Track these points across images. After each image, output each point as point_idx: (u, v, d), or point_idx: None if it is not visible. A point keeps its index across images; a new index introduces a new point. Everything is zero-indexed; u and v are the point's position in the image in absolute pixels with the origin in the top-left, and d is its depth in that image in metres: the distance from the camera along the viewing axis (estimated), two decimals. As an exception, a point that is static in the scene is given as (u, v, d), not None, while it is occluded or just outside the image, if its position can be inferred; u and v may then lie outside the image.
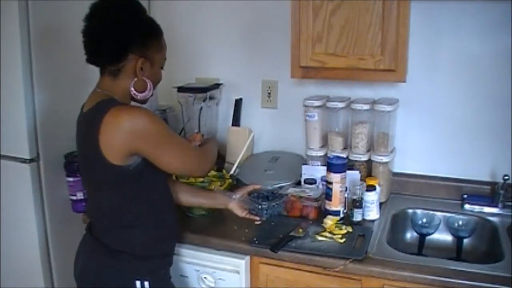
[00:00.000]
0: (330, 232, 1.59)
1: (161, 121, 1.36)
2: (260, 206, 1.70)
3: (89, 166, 1.39)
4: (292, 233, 1.58)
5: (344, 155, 1.83)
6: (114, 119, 1.27)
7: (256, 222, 1.68)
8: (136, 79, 1.36)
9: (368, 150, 1.88)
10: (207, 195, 1.72)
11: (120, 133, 1.27)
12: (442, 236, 1.78)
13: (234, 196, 1.70)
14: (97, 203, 1.44)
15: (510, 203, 1.76)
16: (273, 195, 1.76)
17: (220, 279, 1.60)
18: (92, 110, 1.33)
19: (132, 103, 1.43)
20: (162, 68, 1.45)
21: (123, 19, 1.32)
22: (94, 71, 1.41)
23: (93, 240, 1.42)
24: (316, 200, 1.73)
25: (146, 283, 1.38)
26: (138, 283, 1.37)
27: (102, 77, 1.38)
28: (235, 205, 1.70)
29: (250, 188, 1.77)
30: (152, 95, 1.44)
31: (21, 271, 1.94)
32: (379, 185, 1.78)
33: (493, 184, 1.82)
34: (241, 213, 1.70)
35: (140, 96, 1.38)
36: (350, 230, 1.61)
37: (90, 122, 1.32)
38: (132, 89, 1.36)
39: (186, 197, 1.65)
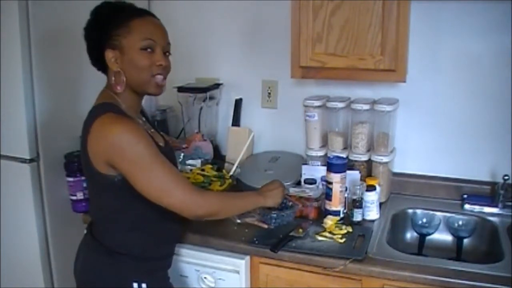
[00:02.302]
0: (330, 232, 1.59)
1: (147, 143, 1.27)
2: (269, 216, 1.64)
3: (85, 170, 1.39)
4: (292, 233, 1.58)
5: (344, 155, 1.83)
6: (100, 127, 1.26)
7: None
8: (114, 73, 1.35)
9: (368, 150, 1.88)
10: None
11: (101, 143, 1.26)
12: (442, 236, 1.78)
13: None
14: (97, 204, 1.44)
15: (510, 203, 1.76)
16: (285, 205, 1.68)
17: (220, 279, 1.60)
18: (90, 113, 1.34)
19: (146, 97, 1.45)
20: (145, 49, 1.33)
21: (90, 20, 1.34)
22: (93, 72, 1.41)
23: (93, 240, 1.42)
24: (316, 200, 1.73)
25: (144, 285, 1.37)
26: (135, 284, 1.37)
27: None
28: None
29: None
30: (163, 85, 1.40)
31: (21, 271, 1.94)
32: (379, 185, 1.78)
33: (493, 184, 1.82)
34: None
35: (117, 88, 1.35)
36: (350, 230, 1.61)
37: (85, 124, 1.33)
38: (114, 84, 1.35)
39: None
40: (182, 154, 1.99)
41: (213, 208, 1.37)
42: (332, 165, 1.68)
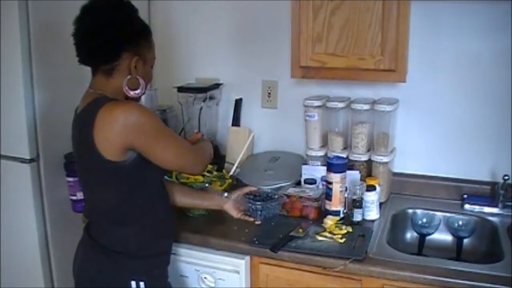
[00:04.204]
0: (330, 232, 1.59)
1: (155, 116, 1.36)
2: (254, 207, 1.67)
3: (85, 165, 1.39)
4: (292, 233, 1.58)
5: (344, 155, 1.83)
6: (108, 113, 1.27)
7: (257, 222, 1.68)
8: (129, 77, 1.36)
9: (368, 150, 1.88)
10: (203, 195, 1.72)
11: (115, 128, 1.27)
12: (442, 236, 1.78)
13: (228, 196, 1.69)
14: (93, 203, 1.44)
15: (510, 203, 1.76)
16: (269, 197, 1.73)
17: (220, 279, 1.60)
18: (86, 109, 1.33)
19: (147, 97, 1.46)
20: (152, 67, 1.45)
21: (115, 19, 1.33)
22: (94, 71, 1.41)
23: (90, 241, 1.42)
24: (316, 200, 1.73)
25: (142, 283, 1.38)
26: (133, 283, 1.37)
27: (95, 77, 1.39)
28: (230, 206, 1.69)
29: (246, 189, 1.75)
30: (144, 93, 1.44)
31: (21, 271, 1.94)
32: (379, 185, 1.78)
33: (493, 184, 1.82)
34: (236, 214, 1.69)
35: (132, 93, 1.37)
36: (350, 230, 1.61)
37: (84, 120, 1.32)
38: (126, 87, 1.36)
39: (182, 198, 1.65)
40: (182, 154, 1.99)
41: (206, 157, 1.52)
42: (332, 165, 1.68)
